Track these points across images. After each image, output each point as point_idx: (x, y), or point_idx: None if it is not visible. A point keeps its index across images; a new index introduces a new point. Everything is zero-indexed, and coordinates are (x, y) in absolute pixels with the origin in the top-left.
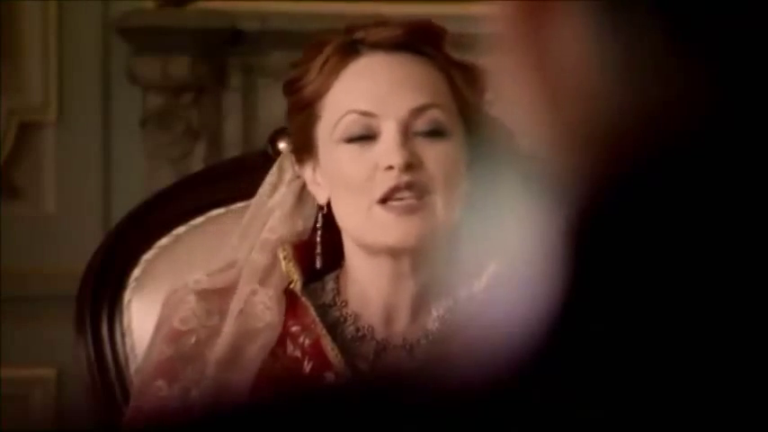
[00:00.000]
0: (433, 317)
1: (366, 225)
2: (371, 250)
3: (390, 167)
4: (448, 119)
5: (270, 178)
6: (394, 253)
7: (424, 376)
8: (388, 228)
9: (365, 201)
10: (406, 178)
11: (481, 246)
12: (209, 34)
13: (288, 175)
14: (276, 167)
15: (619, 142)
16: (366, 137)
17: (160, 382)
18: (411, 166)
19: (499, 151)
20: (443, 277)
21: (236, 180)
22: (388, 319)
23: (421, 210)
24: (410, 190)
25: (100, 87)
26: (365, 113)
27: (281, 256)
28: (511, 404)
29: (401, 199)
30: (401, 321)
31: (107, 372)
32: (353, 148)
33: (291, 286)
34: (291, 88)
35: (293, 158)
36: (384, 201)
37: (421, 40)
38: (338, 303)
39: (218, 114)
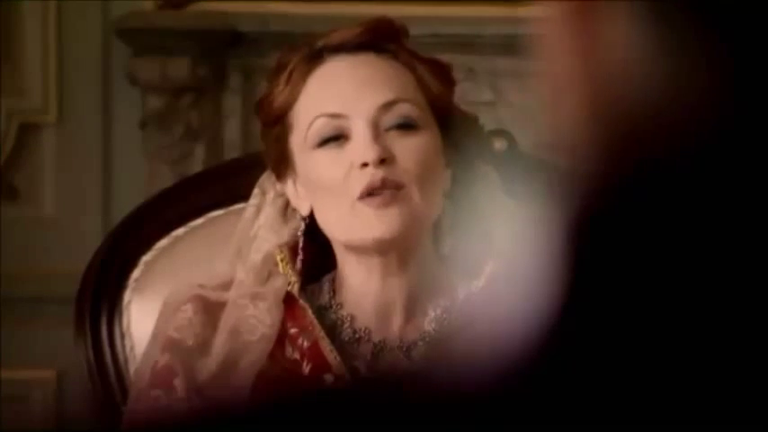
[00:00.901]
0: (430, 317)
1: (349, 223)
2: (359, 250)
3: (365, 164)
4: (417, 112)
5: (253, 200)
6: (380, 248)
7: (421, 377)
8: (370, 222)
9: (346, 200)
10: (381, 174)
11: (479, 245)
12: (208, 36)
13: (270, 195)
14: (258, 189)
15: (638, 140)
16: (338, 137)
17: (156, 392)
18: (384, 160)
19: (481, 148)
20: (437, 277)
21: (235, 181)
22: (384, 320)
23: (398, 201)
24: (386, 185)
25: (100, 89)
26: (334, 115)
27: (278, 258)
28: (509, 404)
29: (379, 194)
30: (396, 322)
31: (106, 373)
32: (327, 151)
33: (289, 288)
34: (261, 106)
35: (273, 176)
36: (363, 197)
37: (382, 38)
38: (334, 306)
39: (218, 116)
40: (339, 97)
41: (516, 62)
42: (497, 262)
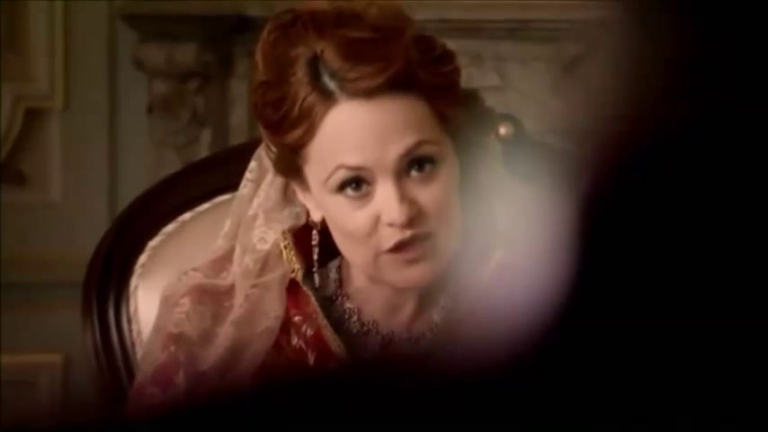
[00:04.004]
0: (440, 306)
1: (372, 268)
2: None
3: (392, 224)
4: (436, 148)
5: (250, 175)
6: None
7: (428, 362)
8: (397, 273)
9: (370, 251)
10: (409, 233)
11: (487, 232)
12: (215, 21)
13: (269, 176)
14: (255, 162)
15: (626, 131)
16: (361, 186)
17: (153, 389)
18: (412, 218)
19: (488, 137)
20: (450, 270)
21: (241, 166)
22: (393, 313)
23: (427, 252)
24: (414, 241)
25: (106, 74)
26: (356, 168)
27: (282, 245)
28: (516, 388)
29: (409, 247)
30: (406, 315)
31: (113, 357)
32: (350, 201)
33: (293, 275)
34: (267, 117)
35: (275, 170)
36: (390, 251)
37: (400, 81)
38: (340, 298)
39: (224, 101)
40: (360, 148)
41: (523, 47)
42: (506, 248)
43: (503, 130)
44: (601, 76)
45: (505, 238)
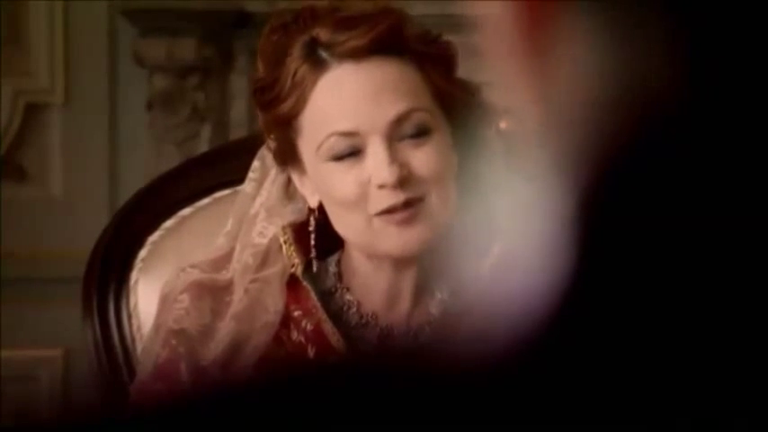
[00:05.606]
0: (437, 300)
1: (366, 237)
2: (373, 256)
3: (383, 186)
4: (429, 117)
5: (253, 174)
6: (400, 262)
7: (426, 355)
8: (390, 239)
9: (362, 216)
10: (402, 196)
11: (486, 227)
12: (215, 16)
13: (272, 173)
14: (258, 162)
15: (618, 121)
16: (353, 152)
17: (159, 385)
18: (403, 180)
19: (488, 131)
20: (446, 259)
21: (241, 161)
22: (391, 305)
23: (419, 216)
24: (407, 204)
25: (106, 69)
26: (347, 133)
27: (281, 240)
28: (515, 384)
29: (400, 211)
30: (404, 307)
31: (114, 352)
32: (342, 167)
33: (293, 270)
34: (263, 99)
35: (275, 160)
36: (382, 214)
37: (388, 43)
38: (340, 290)
39: (225, 96)
40: (350, 113)
41: None
42: (505, 242)
43: (504, 125)
44: (597, 70)
45: (505, 232)
